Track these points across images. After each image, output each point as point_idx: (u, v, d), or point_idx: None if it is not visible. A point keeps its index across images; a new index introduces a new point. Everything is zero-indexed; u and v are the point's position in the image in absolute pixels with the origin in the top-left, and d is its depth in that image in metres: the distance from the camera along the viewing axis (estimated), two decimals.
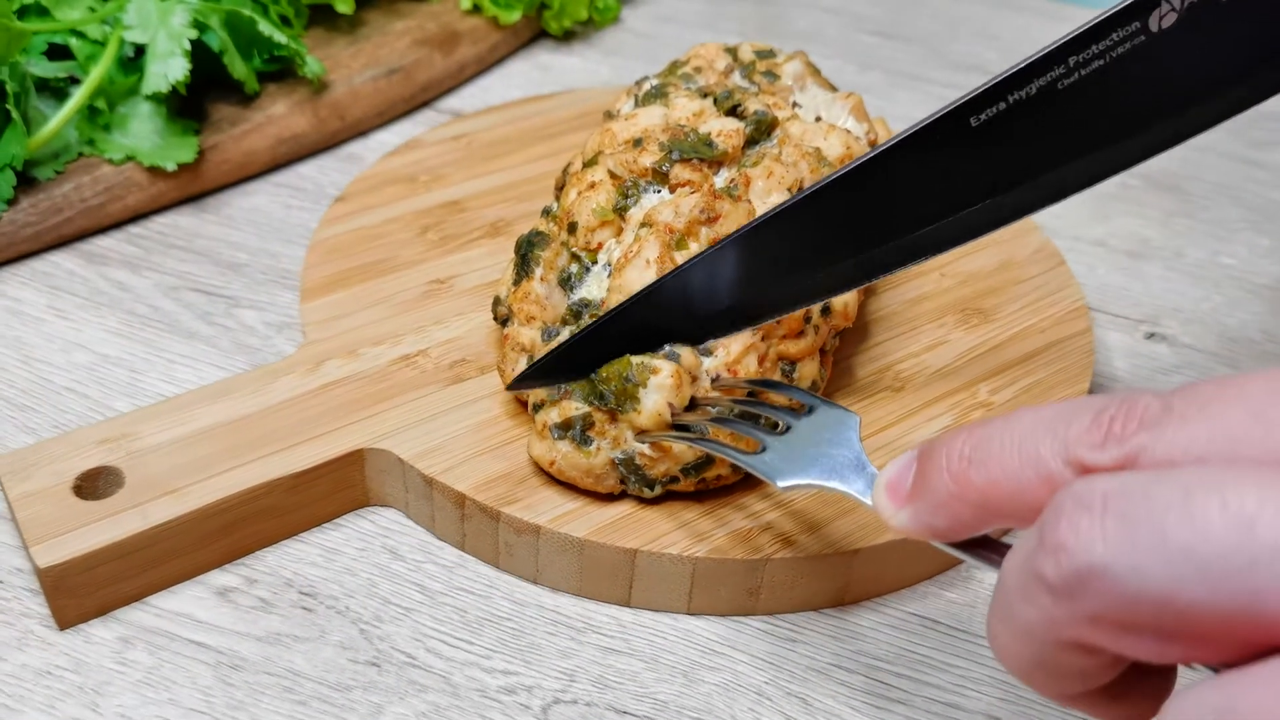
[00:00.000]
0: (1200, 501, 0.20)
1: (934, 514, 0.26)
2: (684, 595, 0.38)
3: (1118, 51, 0.33)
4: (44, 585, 0.36)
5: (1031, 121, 0.34)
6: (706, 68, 0.52)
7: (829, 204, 0.36)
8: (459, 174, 0.56)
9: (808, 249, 0.38)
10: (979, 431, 0.25)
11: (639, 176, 0.43)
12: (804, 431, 0.35)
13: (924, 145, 0.34)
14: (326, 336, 0.45)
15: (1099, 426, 0.23)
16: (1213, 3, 0.32)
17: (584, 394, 0.38)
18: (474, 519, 0.39)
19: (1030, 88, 0.33)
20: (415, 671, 0.36)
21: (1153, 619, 0.21)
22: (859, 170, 0.35)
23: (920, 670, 0.37)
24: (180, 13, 0.53)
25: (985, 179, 0.35)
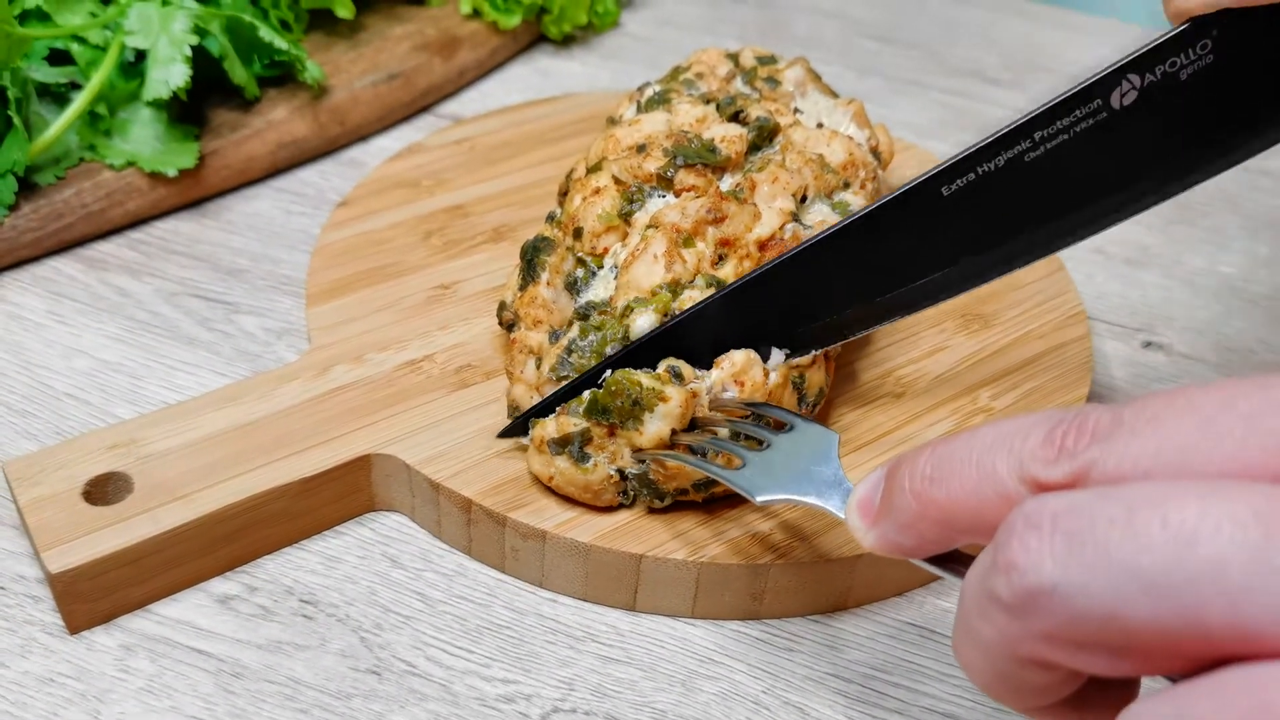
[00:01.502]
0: (1143, 519, 0.20)
1: (900, 533, 0.27)
2: (689, 600, 0.39)
3: (1080, 128, 0.34)
4: (55, 591, 0.36)
5: (999, 192, 0.35)
6: (708, 73, 0.52)
7: (809, 262, 0.38)
8: (461, 178, 0.56)
9: (785, 305, 0.39)
10: (940, 450, 0.26)
11: (644, 182, 0.44)
12: (784, 448, 0.35)
13: (898, 211, 0.36)
14: (332, 342, 0.45)
15: (1051, 443, 0.23)
16: (1172, 81, 0.33)
17: (584, 409, 0.38)
18: (480, 524, 0.39)
19: (998, 160, 0.35)
20: (415, 680, 0.36)
21: (1101, 635, 0.21)
22: (839, 233, 0.38)
23: (917, 680, 0.38)
24: (181, 18, 0.53)
25: (954, 245, 0.37)
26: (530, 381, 0.41)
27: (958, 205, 0.36)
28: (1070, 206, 0.36)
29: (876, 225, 0.37)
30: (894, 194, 0.36)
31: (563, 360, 0.39)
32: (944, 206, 0.36)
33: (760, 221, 0.42)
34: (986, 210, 0.36)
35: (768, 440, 0.36)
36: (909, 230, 0.37)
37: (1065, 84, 0.77)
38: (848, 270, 0.38)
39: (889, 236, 0.37)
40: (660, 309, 0.39)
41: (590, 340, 0.39)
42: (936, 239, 0.37)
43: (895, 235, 0.37)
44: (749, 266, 0.41)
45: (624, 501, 0.39)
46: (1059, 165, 0.35)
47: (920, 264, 0.38)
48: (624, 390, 0.37)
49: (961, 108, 0.70)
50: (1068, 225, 0.37)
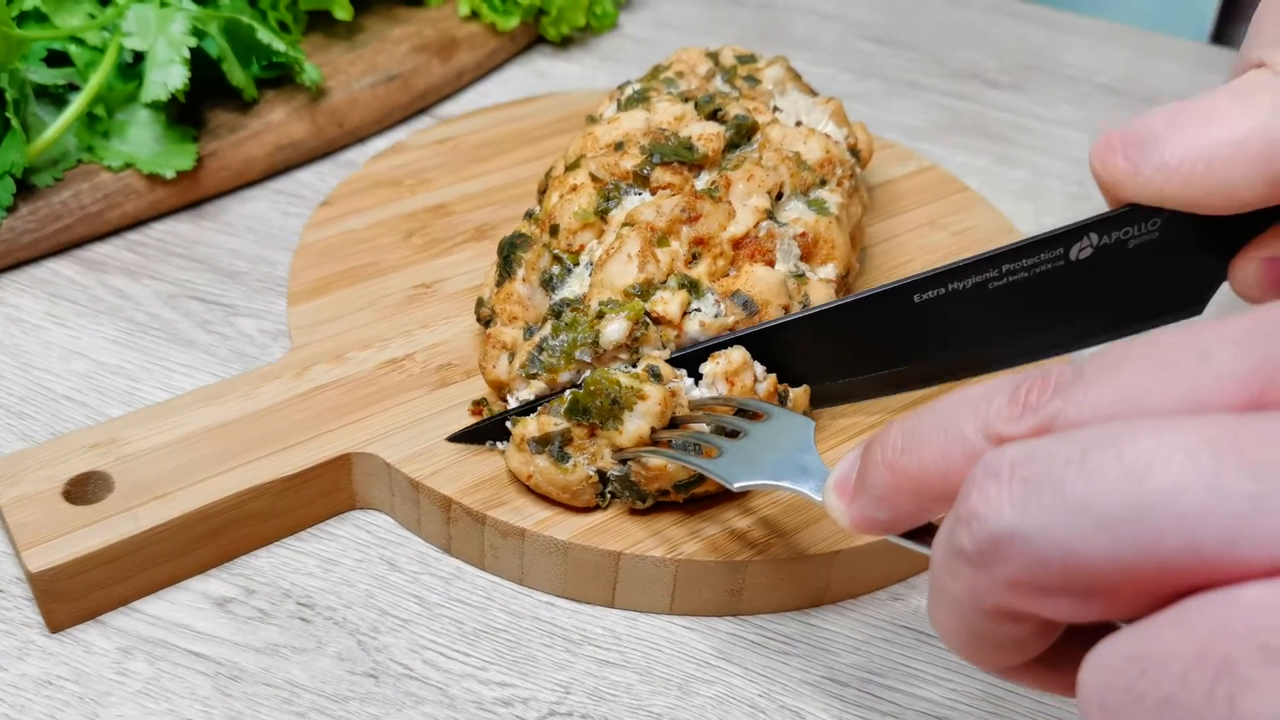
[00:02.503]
0: (1096, 457, 0.21)
1: (876, 507, 0.27)
2: (667, 596, 0.39)
3: (1040, 269, 0.38)
4: (35, 590, 0.36)
5: (963, 308, 0.39)
6: (688, 72, 0.52)
7: (794, 336, 0.41)
8: (444, 177, 0.56)
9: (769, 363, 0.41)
10: (910, 420, 0.26)
11: (620, 179, 0.44)
12: (761, 437, 0.36)
13: (872, 309, 0.40)
14: (313, 341, 0.45)
15: (1016, 400, 0.24)
16: (1121, 246, 0.37)
17: (565, 409, 0.38)
18: (460, 522, 0.39)
19: (967, 281, 0.39)
20: (412, 683, 0.37)
21: (1063, 577, 0.21)
22: (820, 315, 0.41)
23: (913, 684, 0.38)
24: (179, 20, 0.53)
25: (919, 346, 0.41)
26: (502, 376, 0.41)
27: (925, 312, 0.39)
28: (1019, 332, 0.40)
29: (847, 316, 0.40)
30: (871, 291, 0.40)
31: (533, 358, 0.39)
32: (913, 311, 0.39)
33: (735, 220, 0.42)
34: (949, 322, 0.40)
35: (745, 430, 0.36)
36: (877, 326, 0.40)
37: (1063, 86, 0.78)
38: (821, 348, 0.41)
39: (857, 328, 0.41)
40: (631, 316, 0.39)
41: (562, 340, 0.39)
42: (901, 338, 0.41)
43: (864, 328, 0.41)
44: (723, 265, 0.41)
45: (600, 504, 0.39)
46: (1015, 296, 0.39)
47: (882, 358, 0.42)
48: (603, 390, 0.38)
49: (960, 110, 0.70)
50: (1015, 349, 0.41)
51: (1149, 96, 0.73)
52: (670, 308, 0.39)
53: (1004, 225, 0.55)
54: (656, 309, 0.39)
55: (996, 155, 0.66)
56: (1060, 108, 0.71)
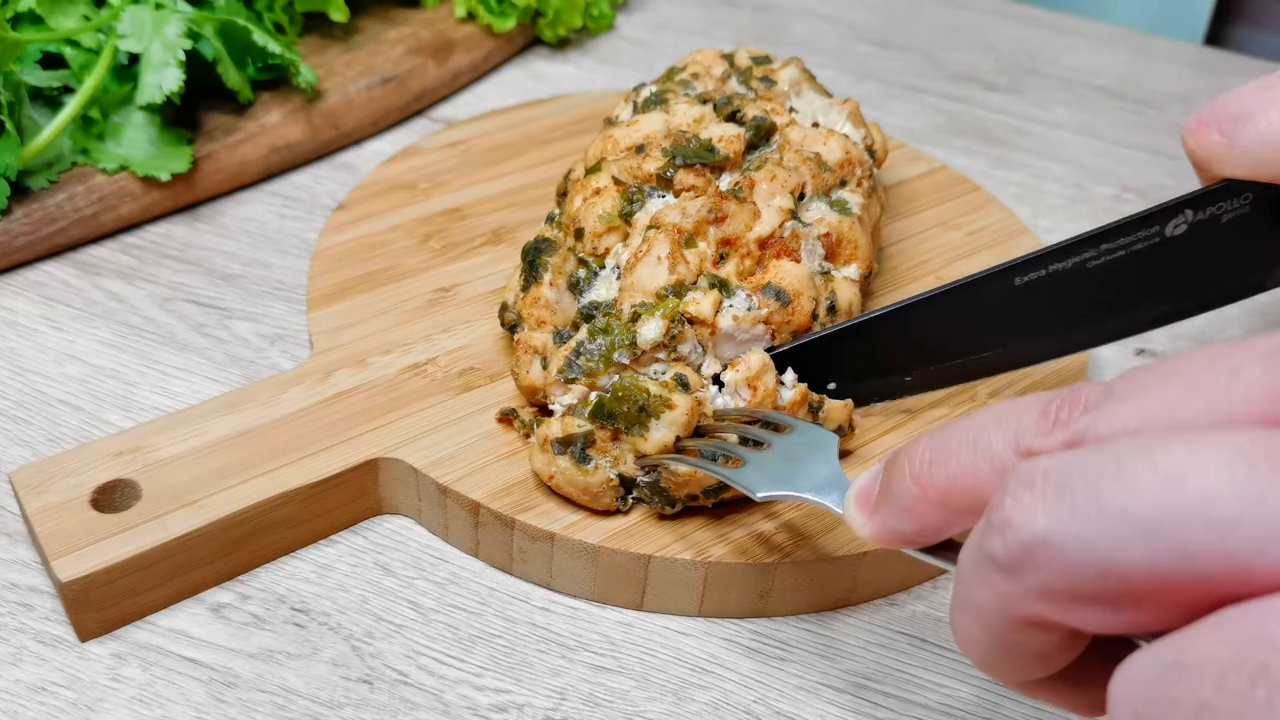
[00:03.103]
0: (1131, 465, 0.21)
1: (900, 519, 0.27)
2: (696, 599, 0.39)
3: (1137, 246, 0.40)
4: (65, 599, 0.36)
5: (1061, 290, 0.40)
6: (704, 74, 0.52)
7: (889, 327, 0.42)
8: (458, 181, 0.56)
9: (854, 361, 0.42)
10: (939, 435, 0.26)
11: (643, 182, 0.44)
12: (783, 448, 0.36)
13: (973, 295, 0.41)
14: (334, 346, 0.45)
15: (1046, 416, 0.24)
16: (1215, 221, 0.39)
17: (590, 412, 0.38)
18: (488, 526, 0.39)
19: (1068, 262, 0.40)
20: (407, 689, 0.36)
21: (1097, 585, 0.21)
22: (917, 304, 0.41)
23: (908, 689, 0.38)
24: (174, 22, 0.53)
25: (1017, 331, 0.42)
26: (536, 382, 0.41)
27: (1025, 296, 0.40)
28: (1112, 313, 0.41)
29: (947, 303, 0.41)
30: (972, 276, 0.40)
31: (570, 362, 0.39)
32: (1013, 295, 0.40)
33: (760, 220, 0.42)
34: (1047, 305, 0.41)
35: (768, 441, 0.36)
36: (976, 312, 0.41)
37: (1060, 88, 0.78)
38: (912, 338, 0.42)
39: (955, 316, 0.41)
40: (667, 314, 0.39)
41: (599, 344, 0.39)
42: (999, 323, 0.42)
43: (962, 315, 0.41)
44: (750, 265, 0.41)
45: (621, 508, 0.39)
46: (1111, 276, 0.40)
47: (978, 344, 0.42)
48: (631, 396, 0.38)
49: (958, 112, 0.70)
50: (1108, 330, 0.42)
51: (1146, 98, 0.73)
52: (703, 307, 0.39)
53: (1016, 225, 0.55)
54: (689, 309, 0.39)
55: (994, 158, 0.66)
56: (1057, 110, 0.71)
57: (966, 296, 0.41)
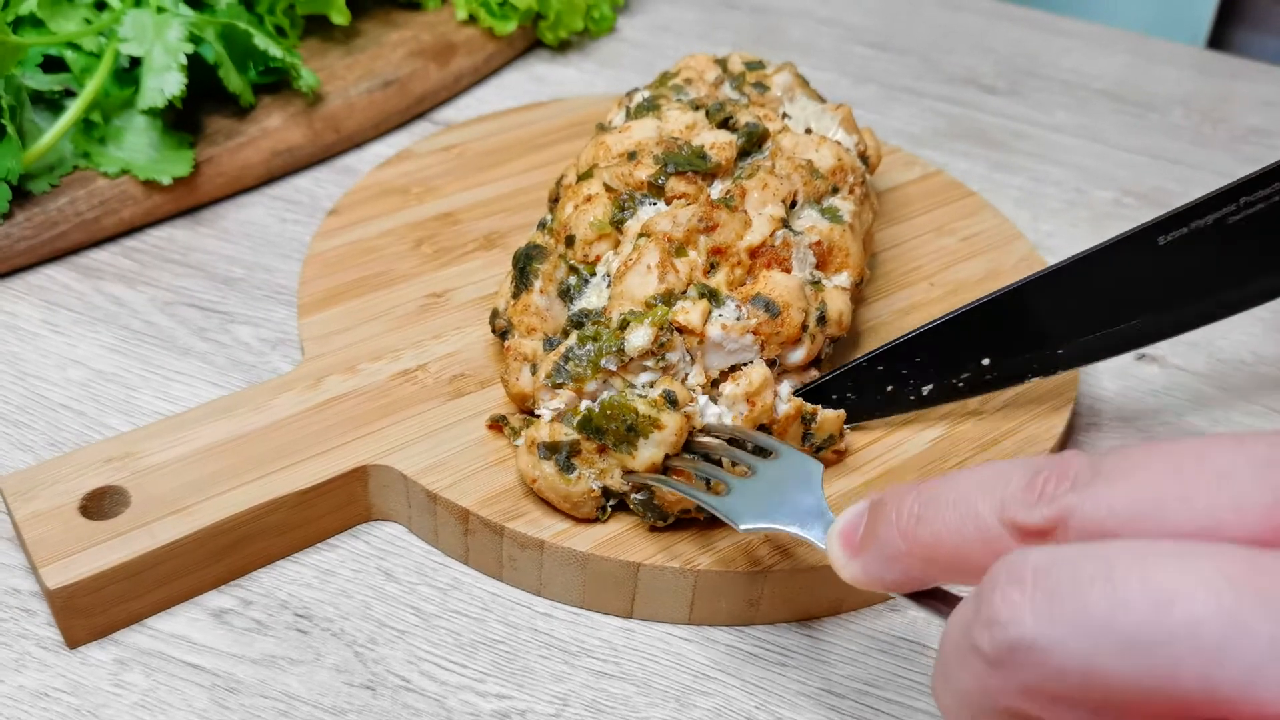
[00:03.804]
0: (1121, 577, 0.21)
1: (884, 567, 0.28)
2: (685, 606, 0.39)
3: (1276, 198, 0.39)
4: (53, 606, 0.36)
5: (1202, 249, 0.40)
6: (696, 79, 0.52)
7: (1034, 296, 0.41)
8: (451, 185, 0.56)
9: (1001, 336, 0.42)
10: (927, 490, 0.26)
11: (635, 189, 0.44)
12: (768, 476, 0.36)
13: (1116, 256, 0.40)
14: (325, 352, 0.45)
15: (1032, 488, 0.24)
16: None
17: (578, 423, 0.38)
18: (478, 534, 0.39)
19: (1208, 218, 0.39)
20: (410, 695, 0.37)
21: (1079, 691, 0.21)
22: (1062, 270, 0.41)
23: (909, 695, 0.38)
24: (176, 26, 0.53)
25: (1165, 291, 0.41)
26: (526, 389, 0.41)
27: (1168, 256, 0.40)
28: (1252, 273, 0.41)
29: (1090, 267, 0.40)
30: (1116, 238, 0.40)
31: (559, 368, 0.39)
32: (1157, 255, 0.40)
33: (751, 229, 0.42)
34: (1190, 264, 0.40)
35: (753, 467, 0.37)
36: (1117, 274, 0.41)
37: (1060, 91, 0.78)
38: (1062, 305, 0.41)
39: (1101, 279, 0.41)
40: (656, 322, 0.39)
41: (587, 350, 0.39)
42: (1140, 288, 0.41)
43: (1107, 279, 0.41)
44: (740, 274, 0.41)
45: (600, 517, 0.39)
46: (1251, 231, 0.40)
47: (1128, 308, 0.42)
48: (619, 415, 0.38)
49: (956, 115, 0.70)
50: (1245, 293, 0.41)
51: (1146, 101, 0.73)
52: (692, 316, 0.39)
53: (1010, 231, 0.55)
54: (678, 319, 0.39)
55: (993, 161, 0.66)
56: (1057, 113, 0.71)
57: (1114, 257, 0.40)
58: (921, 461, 0.42)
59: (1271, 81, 0.76)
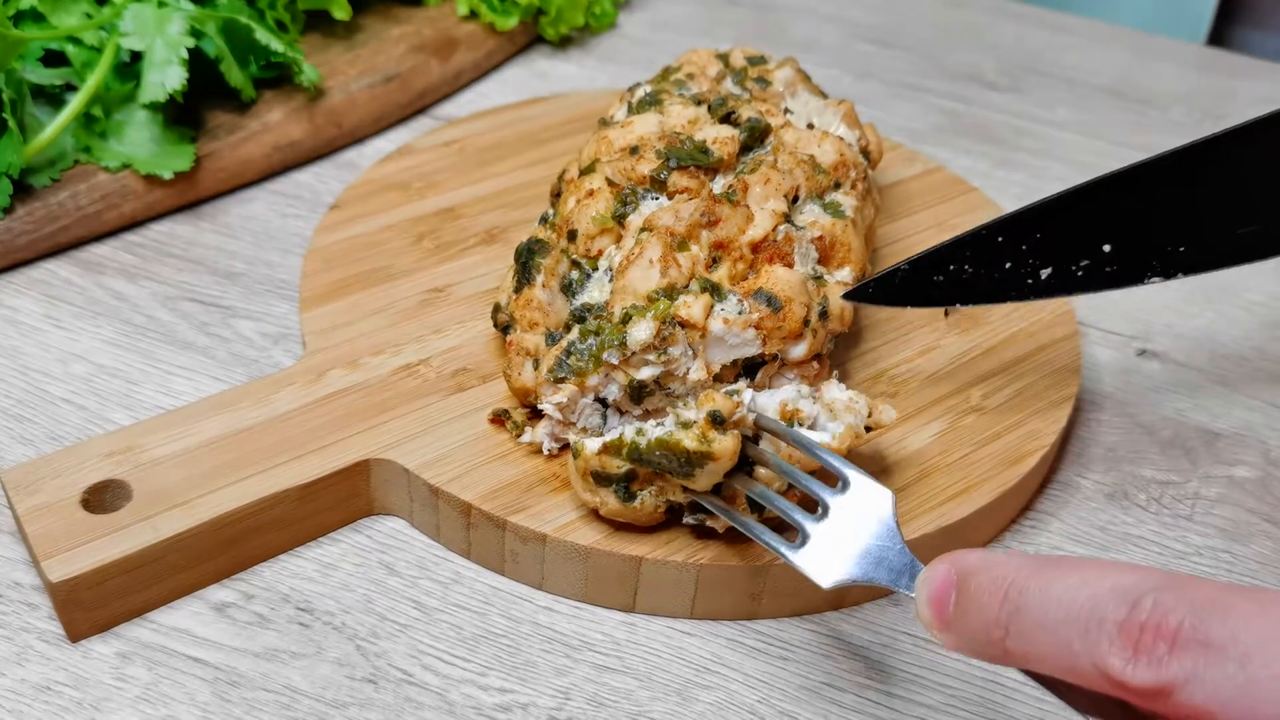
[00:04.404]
0: None
1: (977, 652, 0.28)
2: (688, 601, 0.39)
3: None
4: (55, 600, 0.36)
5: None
6: (699, 74, 0.52)
7: (1158, 178, 0.39)
8: (452, 180, 0.56)
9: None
10: (1014, 599, 0.26)
11: (637, 184, 0.44)
12: (841, 516, 0.34)
13: (1245, 147, 0.38)
14: (327, 346, 0.45)
15: (1129, 637, 0.24)
16: None
17: (627, 454, 0.37)
18: (480, 528, 0.39)
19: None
20: (412, 689, 0.37)
21: None
22: (1187, 152, 0.39)
23: (911, 689, 0.38)
24: (177, 20, 0.53)
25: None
26: (528, 383, 0.41)
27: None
28: None
29: (1216, 155, 0.38)
30: (1240, 125, 0.37)
31: (561, 362, 0.39)
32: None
33: (753, 223, 0.42)
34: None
35: (823, 504, 0.35)
36: (1252, 169, 0.38)
37: (1061, 87, 0.77)
38: (1185, 197, 0.39)
39: (1226, 171, 0.38)
40: (658, 316, 0.39)
41: (589, 344, 0.39)
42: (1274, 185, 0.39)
43: (1232, 173, 0.38)
44: (742, 269, 0.41)
45: (671, 517, 0.39)
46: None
47: (1256, 211, 0.40)
48: (670, 454, 0.36)
49: (959, 112, 0.70)
50: None
51: (1147, 98, 0.73)
52: (694, 311, 0.39)
53: None
54: (680, 313, 0.39)
55: (995, 158, 0.66)
56: (1059, 110, 0.71)
57: (1243, 149, 0.38)
58: (923, 457, 0.42)
59: (1272, 79, 0.76)
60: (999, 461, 0.42)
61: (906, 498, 0.41)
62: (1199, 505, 0.45)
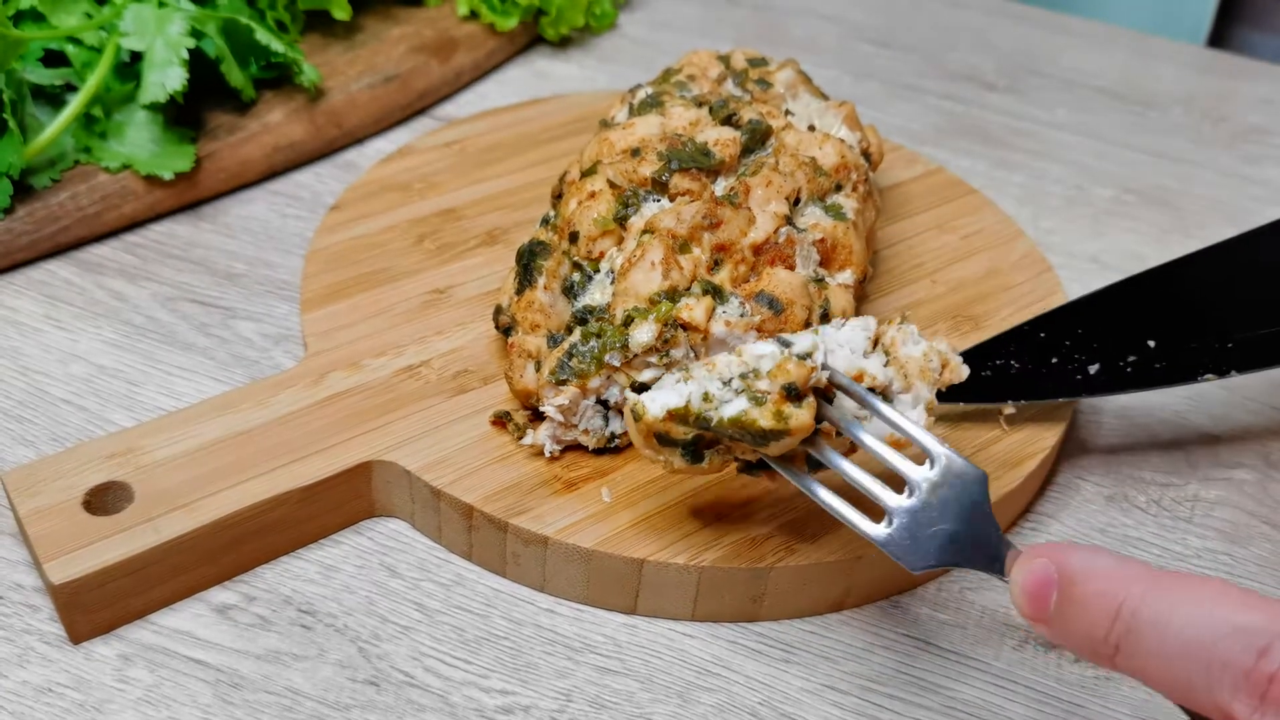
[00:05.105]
0: None
1: (1078, 654, 0.28)
2: (689, 603, 0.39)
3: None
4: (57, 602, 0.36)
5: None
6: (700, 75, 0.52)
7: (1194, 273, 0.40)
8: (453, 181, 0.56)
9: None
10: (1126, 620, 0.25)
11: (639, 186, 0.44)
12: (930, 497, 0.33)
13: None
14: (328, 348, 0.45)
15: (1255, 686, 0.23)
16: None
17: (695, 422, 0.35)
18: (481, 530, 0.39)
19: None
20: (414, 691, 0.37)
21: None
22: (1227, 247, 0.39)
23: (911, 692, 0.38)
24: (177, 20, 0.53)
25: None
26: (530, 386, 0.41)
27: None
28: None
29: (1258, 246, 0.38)
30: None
31: (563, 364, 0.39)
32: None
33: (755, 226, 0.42)
34: None
35: (912, 483, 0.33)
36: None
37: (1060, 89, 0.77)
38: (1227, 291, 0.39)
39: (1268, 262, 0.38)
40: (660, 318, 0.39)
41: (591, 346, 0.39)
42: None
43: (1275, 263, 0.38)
44: (744, 271, 0.41)
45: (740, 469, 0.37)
46: None
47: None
48: (745, 431, 0.34)
49: (959, 113, 0.70)
50: None
51: (1147, 100, 0.73)
52: (696, 313, 0.39)
53: (1012, 229, 0.55)
54: (682, 315, 0.39)
55: (994, 159, 0.66)
56: (1058, 111, 0.71)
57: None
58: None
59: (1272, 80, 0.76)
60: (1000, 464, 0.42)
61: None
62: (1198, 508, 0.45)
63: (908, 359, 0.36)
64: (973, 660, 0.39)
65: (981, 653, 0.39)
